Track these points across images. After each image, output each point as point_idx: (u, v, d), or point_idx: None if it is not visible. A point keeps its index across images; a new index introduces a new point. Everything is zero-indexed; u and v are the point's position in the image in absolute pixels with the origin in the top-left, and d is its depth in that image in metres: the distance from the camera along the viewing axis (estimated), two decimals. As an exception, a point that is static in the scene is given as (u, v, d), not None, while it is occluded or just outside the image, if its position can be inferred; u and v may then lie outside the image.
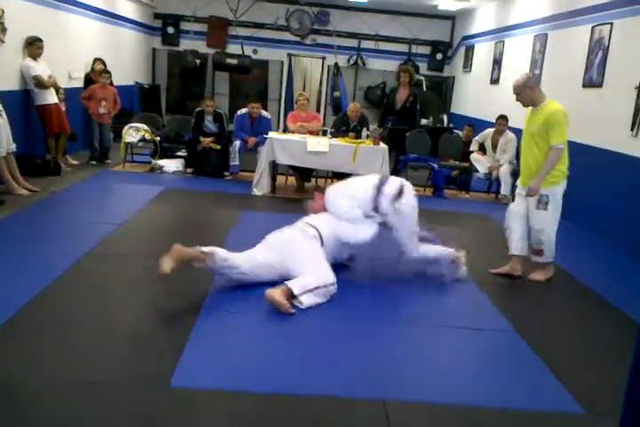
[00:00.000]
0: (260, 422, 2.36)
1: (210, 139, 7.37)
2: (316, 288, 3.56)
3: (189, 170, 7.54)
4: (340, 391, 2.59)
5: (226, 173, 7.47)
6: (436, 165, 7.58)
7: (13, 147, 5.68)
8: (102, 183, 6.65)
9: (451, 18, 12.31)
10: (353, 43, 12.36)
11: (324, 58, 12.55)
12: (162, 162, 7.57)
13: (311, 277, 3.60)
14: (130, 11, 10.65)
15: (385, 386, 2.69)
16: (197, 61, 11.74)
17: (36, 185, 5.91)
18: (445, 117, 11.17)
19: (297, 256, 3.74)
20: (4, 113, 5.48)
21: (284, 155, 6.73)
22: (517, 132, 7.68)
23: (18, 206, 5.19)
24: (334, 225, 4.02)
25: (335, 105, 11.90)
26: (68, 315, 3.19)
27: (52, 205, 5.50)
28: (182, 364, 2.70)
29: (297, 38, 12.22)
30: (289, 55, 12.55)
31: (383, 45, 12.38)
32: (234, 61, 11.58)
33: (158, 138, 7.85)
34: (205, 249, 3.53)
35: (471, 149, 7.85)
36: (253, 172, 6.92)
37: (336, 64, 12.08)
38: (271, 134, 6.98)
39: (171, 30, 12.13)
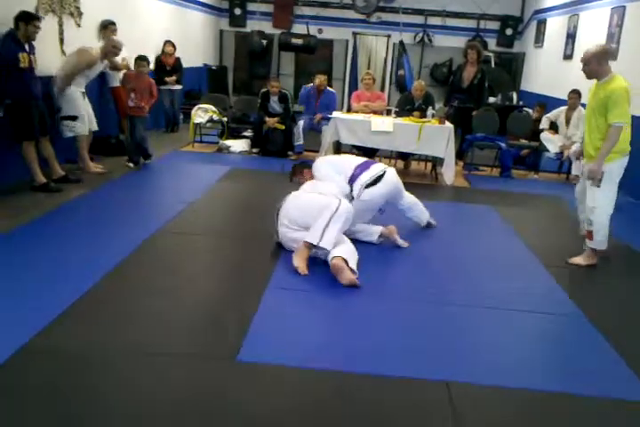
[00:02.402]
0: (323, 399, 2.42)
1: (275, 119, 7.46)
2: (329, 220, 3.68)
3: (255, 150, 7.67)
4: (404, 372, 2.62)
5: (290, 153, 7.55)
6: (503, 145, 7.41)
7: (95, 126, 6.02)
8: (172, 163, 6.87)
9: (522, -9, 11.85)
10: (419, 19, 12.11)
11: (389, 36, 12.37)
12: (229, 142, 7.73)
13: (320, 218, 3.72)
14: (198, -7, 10.82)
15: (449, 368, 2.70)
16: (264, 42, 11.82)
17: (110, 165, 6.19)
18: (515, 95, 10.83)
19: (309, 209, 3.88)
20: (86, 95, 5.78)
21: (348, 134, 6.74)
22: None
23: (94, 185, 5.45)
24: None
25: (399, 84, 11.75)
26: (141, 289, 3.35)
27: (126, 184, 5.74)
28: (249, 339, 2.79)
29: (362, 16, 12.08)
30: (354, 34, 12.44)
31: (450, 21, 12.07)
32: (299, 41, 11.59)
33: (225, 118, 8.02)
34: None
35: (541, 126, 7.59)
36: (317, 152, 6.97)
37: (401, 42, 11.88)
38: (335, 114, 6.99)
39: (238, 11, 12.24)
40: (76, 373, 2.46)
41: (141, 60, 6.55)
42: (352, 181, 4.33)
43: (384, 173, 4.38)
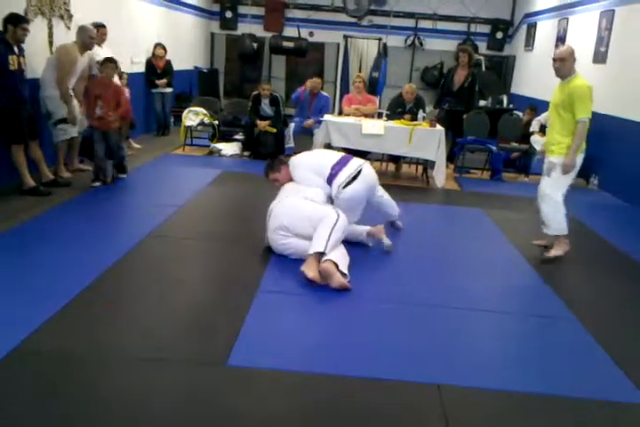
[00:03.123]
0: (314, 402, 2.42)
1: (266, 122, 7.45)
2: (330, 232, 3.69)
3: (246, 153, 7.66)
4: (395, 375, 2.62)
5: (282, 156, 7.54)
6: (494, 148, 7.43)
7: (83, 129, 5.96)
8: (163, 167, 6.85)
9: (512, -5, 11.92)
10: (410, 23, 12.15)
11: (380, 39, 12.39)
12: (220, 145, 7.72)
13: (320, 228, 3.72)
14: (189, -4, 10.81)
15: (441, 371, 2.70)
16: (255, 45, 11.81)
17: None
18: (505, 98, 10.86)
19: (299, 217, 3.87)
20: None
21: (339, 137, 6.75)
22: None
23: (84, 188, 5.42)
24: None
25: (371, 85, 11.57)
26: (130, 294, 3.34)
27: (116, 187, 5.71)
28: (239, 343, 2.78)
29: (353, 20, 12.10)
30: (345, 37, 12.46)
31: (441, 25, 12.12)
32: (290, 44, 11.60)
33: (216, 122, 8.00)
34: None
35: (531, 129, 7.63)
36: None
37: (384, 45, 11.89)
38: (326, 117, 7.00)
39: (229, 14, 12.23)
40: (66, 378, 2.43)
41: (109, 61, 5.64)
42: (330, 181, 4.26)
43: (361, 169, 4.31)
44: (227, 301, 3.30)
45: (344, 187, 4.22)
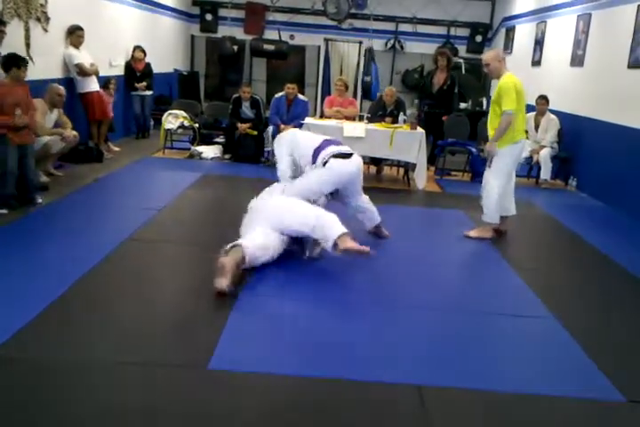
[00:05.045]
0: (294, 405, 2.40)
1: (247, 125, 7.43)
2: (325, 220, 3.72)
3: (227, 156, 7.63)
4: (376, 377, 2.62)
5: (262, 159, 7.52)
6: (474, 150, 7.48)
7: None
8: (143, 170, 6.79)
9: (491, -1, 12.03)
10: (390, 26, 12.20)
11: (360, 42, 12.43)
12: (200, 148, 7.67)
13: (322, 218, 3.74)
14: (168, -2, 10.75)
15: (421, 372, 2.70)
16: (235, 48, 11.77)
17: (79, 171, 6.09)
18: (485, 101, 10.97)
19: (286, 215, 3.85)
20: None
21: (321, 140, 6.73)
22: (559, 114, 7.53)
23: (62, 192, 5.35)
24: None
25: (364, 90, 11.76)
26: (110, 297, 3.29)
27: (95, 190, 5.65)
28: (220, 347, 2.76)
29: (334, 23, 12.12)
30: (326, 40, 12.47)
31: (421, 28, 12.18)
32: (271, 47, 11.58)
33: (197, 124, 7.95)
34: (241, 254, 3.54)
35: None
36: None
37: (370, 49, 11.95)
38: (307, 120, 6.99)
39: (209, 17, 12.18)
40: (45, 381, 2.39)
41: (23, 64, 4.77)
42: (317, 151, 4.19)
43: (352, 153, 4.28)
44: (207, 304, 3.27)
45: (333, 157, 4.13)
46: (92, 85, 6.85)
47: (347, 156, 4.22)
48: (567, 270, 4.35)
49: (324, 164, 4.15)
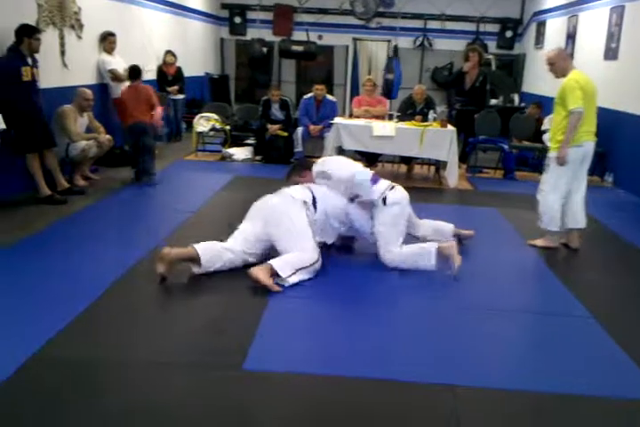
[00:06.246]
0: (328, 405, 2.41)
1: (277, 126, 7.48)
2: (301, 268, 3.53)
3: (258, 157, 7.69)
4: (409, 376, 2.61)
5: (293, 160, 7.56)
6: (506, 147, 7.40)
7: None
8: (176, 172, 6.89)
9: (521, -7, 11.88)
10: (419, 24, 12.14)
11: (389, 41, 12.39)
12: (231, 150, 7.75)
13: (295, 257, 3.54)
14: (198, 2, 10.88)
15: (454, 372, 2.69)
16: (264, 50, 11.86)
17: (114, 175, 6.22)
18: (516, 97, 10.82)
19: (280, 229, 3.65)
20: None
21: (351, 140, 6.75)
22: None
23: (99, 195, 5.47)
24: (331, 193, 3.90)
25: (386, 87, 11.59)
26: (144, 299, 3.36)
27: (129, 194, 5.76)
28: (254, 347, 2.79)
29: (362, 22, 12.11)
30: (354, 39, 12.47)
31: (450, 25, 12.09)
32: (299, 48, 11.63)
33: (228, 127, 8.04)
34: (193, 252, 3.55)
35: (543, 127, 7.59)
36: (319, 157, 6.97)
37: (395, 46, 11.89)
38: (337, 120, 7.00)
39: (238, 20, 12.30)
40: (84, 383, 2.45)
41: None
42: (371, 182, 3.95)
43: (394, 185, 4.05)
44: (241, 305, 3.31)
45: (389, 189, 3.95)
46: (125, 90, 6.96)
47: (392, 188, 4.02)
48: (605, 269, 4.27)
49: (384, 201, 3.93)
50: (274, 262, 3.50)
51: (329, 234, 3.95)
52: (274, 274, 3.49)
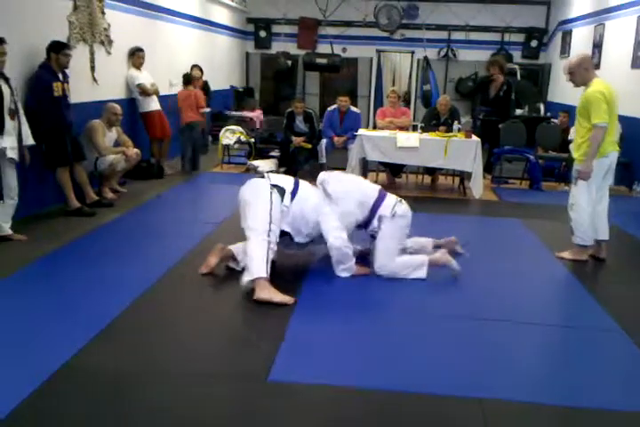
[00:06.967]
0: (355, 417, 2.41)
1: (301, 138, 7.54)
2: (262, 257, 3.52)
3: (282, 169, 7.74)
4: (437, 389, 2.60)
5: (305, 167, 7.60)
6: (532, 157, 7.34)
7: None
8: (202, 185, 6.98)
9: (545, 3, 11.81)
10: (443, 35, 12.15)
11: (412, 52, 12.43)
12: (256, 162, 7.82)
13: (250, 251, 3.58)
14: (224, 17, 11.05)
15: (482, 384, 2.66)
16: (289, 63, 11.99)
17: (142, 187, 6.33)
18: (542, 106, 10.74)
19: (247, 206, 3.85)
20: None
21: (375, 151, 6.77)
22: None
23: (127, 208, 5.57)
24: (320, 200, 3.94)
25: (425, 98, 11.76)
26: (171, 309, 3.40)
27: (158, 205, 5.85)
28: (279, 359, 2.80)
29: (385, 34, 12.18)
30: (378, 51, 12.54)
31: (474, 36, 12.08)
32: (323, 61, 11.73)
33: (253, 139, 8.13)
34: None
35: (570, 137, 7.51)
36: (344, 169, 7.00)
37: (425, 57, 11.93)
38: (361, 131, 7.03)
39: (263, 34, 12.46)
40: (110, 394, 2.49)
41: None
42: (379, 201, 4.03)
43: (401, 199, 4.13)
44: (265, 316, 3.33)
45: (398, 203, 4.03)
46: (153, 105, 7.10)
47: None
48: (635, 282, 4.19)
49: (393, 215, 3.99)
50: (248, 268, 3.52)
51: (301, 232, 3.92)
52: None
